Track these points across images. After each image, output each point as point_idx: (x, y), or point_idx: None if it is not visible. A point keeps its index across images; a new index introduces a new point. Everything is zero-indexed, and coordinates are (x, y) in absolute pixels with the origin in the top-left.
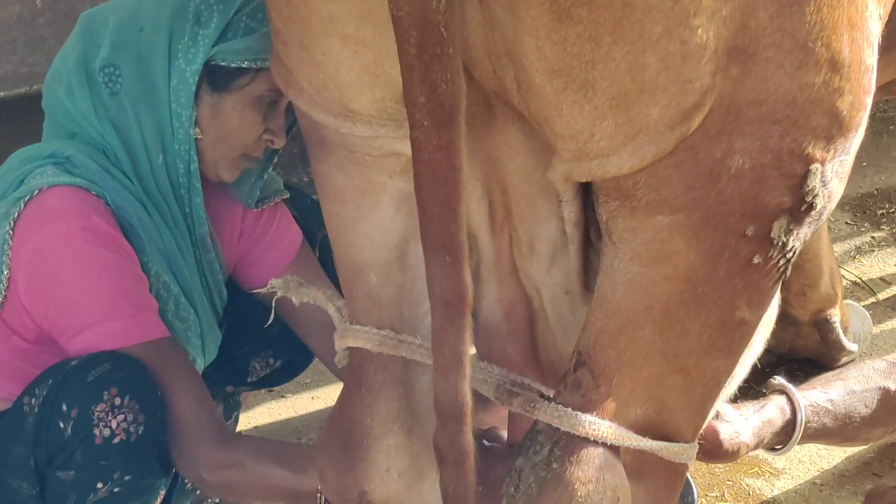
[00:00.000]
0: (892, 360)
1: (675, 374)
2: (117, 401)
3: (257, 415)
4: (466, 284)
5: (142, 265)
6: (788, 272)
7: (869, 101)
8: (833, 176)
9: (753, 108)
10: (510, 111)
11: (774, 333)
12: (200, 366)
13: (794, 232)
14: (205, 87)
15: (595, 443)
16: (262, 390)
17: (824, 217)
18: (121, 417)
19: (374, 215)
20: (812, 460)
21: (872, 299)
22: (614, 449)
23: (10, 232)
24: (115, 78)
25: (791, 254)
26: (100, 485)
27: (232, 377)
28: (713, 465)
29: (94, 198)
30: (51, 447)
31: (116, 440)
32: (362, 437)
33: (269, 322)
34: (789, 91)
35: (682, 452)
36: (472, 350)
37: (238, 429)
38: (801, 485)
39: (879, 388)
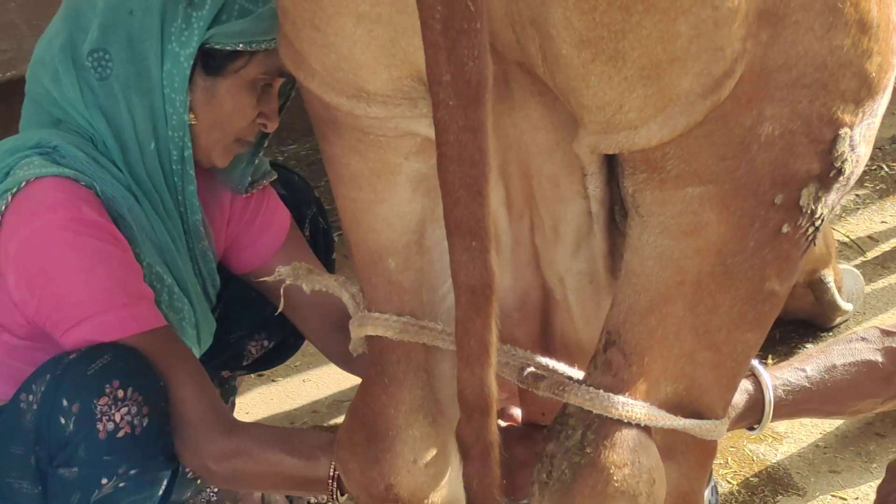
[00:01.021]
0: (886, 327)
1: (706, 349)
2: (120, 393)
3: (248, 400)
4: (493, 270)
5: (134, 256)
6: (816, 241)
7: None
8: (861, 140)
9: (783, 73)
10: (530, 85)
11: None
12: (197, 355)
13: (823, 199)
14: (199, 72)
15: (628, 424)
16: (253, 375)
17: (852, 182)
18: (124, 410)
19: (390, 198)
20: (814, 423)
21: (861, 258)
22: (647, 429)
23: None
24: (105, 63)
25: (819, 221)
26: (104, 480)
27: (228, 362)
28: None
29: (83, 188)
30: (52, 444)
31: (121, 434)
32: (387, 429)
33: (278, 310)
34: (819, 54)
35: (714, 429)
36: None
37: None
38: (804, 448)
39: (865, 361)
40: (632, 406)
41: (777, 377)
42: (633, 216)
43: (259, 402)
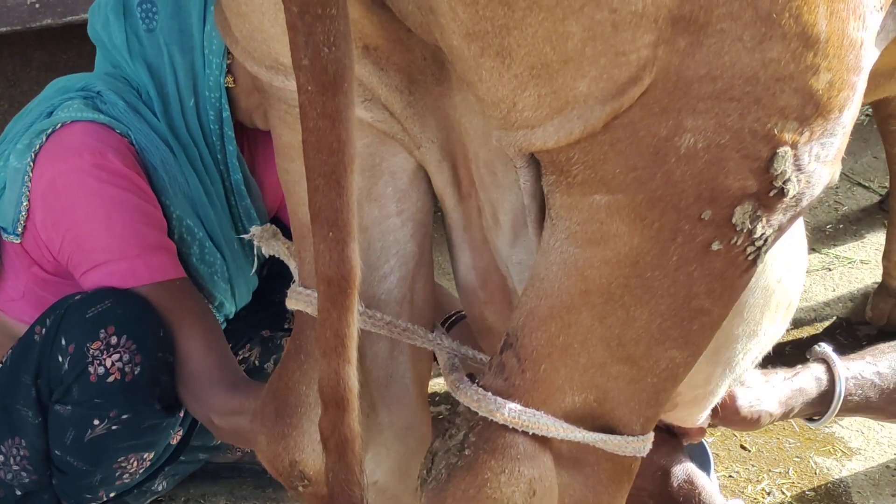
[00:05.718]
0: None
1: (620, 362)
2: (113, 340)
3: None
4: (352, 263)
5: (163, 208)
6: (762, 260)
7: (857, 79)
8: (813, 160)
9: (706, 84)
10: None
11: (874, 306)
12: (230, 310)
13: (764, 218)
14: None
15: (515, 431)
16: None
17: (805, 203)
18: (116, 357)
19: None
20: (890, 442)
21: None
22: (540, 438)
23: (31, 164)
24: (153, 15)
25: (762, 242)
26: (96, 422)
27: (269, 322)
28: (782, 440)
29: (115, 136)
30: (51, 380)
31: (110, 379)
32: (297, 405)
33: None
34: (749, 66)
35: (626, 445)
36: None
37: None
38: (872, 467)
39: None
40: (518, 413)
41: (849, 369)
42: (547, 218)
43: None
